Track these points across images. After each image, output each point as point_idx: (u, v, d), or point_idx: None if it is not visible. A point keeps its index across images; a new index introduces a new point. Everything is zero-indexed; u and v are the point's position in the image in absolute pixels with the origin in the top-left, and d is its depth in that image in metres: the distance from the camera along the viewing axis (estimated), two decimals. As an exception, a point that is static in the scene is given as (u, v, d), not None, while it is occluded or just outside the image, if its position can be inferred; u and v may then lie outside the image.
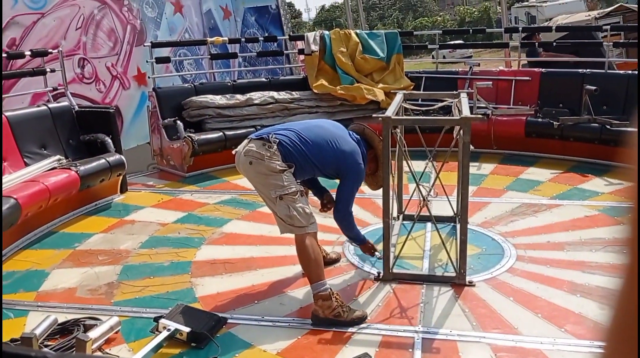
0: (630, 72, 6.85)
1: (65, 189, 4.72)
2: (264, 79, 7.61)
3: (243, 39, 8.26)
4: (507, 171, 5.93)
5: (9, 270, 3.95)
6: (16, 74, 6.16)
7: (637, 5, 13.81)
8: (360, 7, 11.43)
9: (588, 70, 6.64)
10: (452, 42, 13.81)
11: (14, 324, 3.16)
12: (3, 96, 6.14)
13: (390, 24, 37.73)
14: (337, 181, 3.42)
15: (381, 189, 3.53)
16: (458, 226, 3.63)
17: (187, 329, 2.90)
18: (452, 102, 4.30)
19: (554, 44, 7.68)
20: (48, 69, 5.88)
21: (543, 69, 7.01)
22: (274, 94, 7.07)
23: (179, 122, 6.42)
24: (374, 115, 4.31)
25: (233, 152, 3.29)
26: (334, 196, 3.45)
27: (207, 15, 8.97)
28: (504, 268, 3.67)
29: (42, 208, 4.49)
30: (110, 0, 7.49)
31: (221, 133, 6.47)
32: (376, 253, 3.73)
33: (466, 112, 3.49)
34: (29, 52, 5.94)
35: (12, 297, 3.52)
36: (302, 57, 8.02)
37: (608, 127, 5.83)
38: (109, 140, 5.58)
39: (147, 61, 7.07)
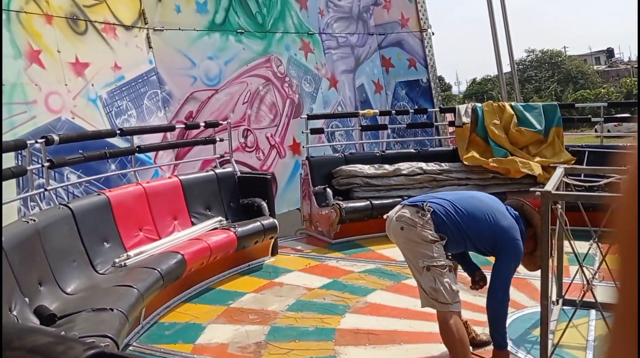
0: None
1: (224, 249, 5.07)
2: (412, 150, 7.66)
3: (393, 111, 8.48)
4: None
5: (171, 320, 4.29)
6: (191, 143, 6.92)
7: None
8: (515, 80, 11.18)
9: None
10: (618, 115, 12.84)
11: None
12: (179, 161, 6.91)
13: (548, 97, 36.19)
14: (488, 258, 3.24)
15: (539, 270, 3.26)
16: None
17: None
18: (619, 179, 3.93)
19: None
20: (217, 139, 6.52)
21: None
22: (423, 165, 7.06)
23: (328, 190, 6.65)
24: (531, 189, 4.07)
25: (384, 216, 3.29)
26: (485, 273, 3.27)
27: (359, 90, 9.40)
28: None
29: (203, 265, 4.85)
30: (274, 77, 8.20)
31: (368, 202, 6.57)
32: None
33: None
34: (203, 124, 6.65)
35: (172, 347, 3.79)
36: (452, 129, 7.97)
37: None
38: (265, 204, 5.94)
39: (302, 132, 7.52)
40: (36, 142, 4.49)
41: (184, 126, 6.67)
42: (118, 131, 5.58)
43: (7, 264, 3.23)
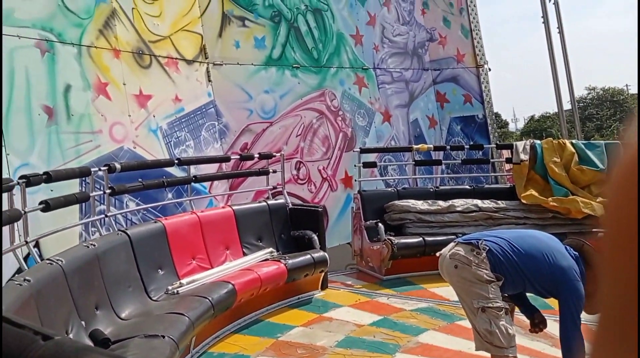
0: None
1: (274, 280, 5.06)
2: (467, 187, 7.50)
3: (448, 147, 8.37)
4: None
5: (220, 351, 4.28)
6: (245, 174, 7.03)
7: None
8: (576, 117, 10.86)
9: None
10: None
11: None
12: (233, 191, 7.02)
13: (610, 135, 34.93)
14: (547, 301, 3.07)
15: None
16: None
17: None
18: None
19: None
20: (271, 170, 6.59)
21: None
22: (478, 202, 6.89)
23: (380, 224, 6.58)
24: (594, 230, 3.89)
25: (437, 254, 3.21)
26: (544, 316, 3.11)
27: (413, 124, 9.35)
28: None
29: (253, 296, 4.85)
30: (327, 111, 8.28)
31: (421, 238, 6.44)
32: None
33: None
34: (257, 155, 6.75)
35: (220, 378, 3.77)
36: (509, 166, 7.77)
37: None
38: (315, 237, 5.92)
39: (354, 165, 7.51)
40: (99, 170, 4.68)
41: (238, 157, 6.81)
42: (176, 161, 5.74)
43: (66, 286, 3.32)
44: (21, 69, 5.03)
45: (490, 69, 9.84)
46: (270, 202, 6.22)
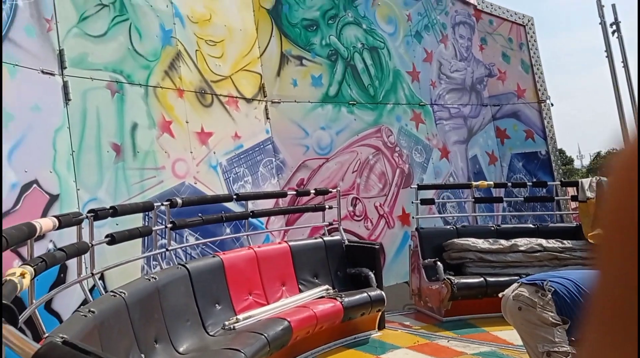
0: None
1: (330, 319, 4.98)
2: (531, 225, 7.22)
3: (509, 184, 8.13)
4: None
5: (275, 389, 4.21)
6: (301, 209, 7.06)
7: None
8: (646, 153, 10.32)
9: None
10: None
11: None
12: (290, 227, 7.05)
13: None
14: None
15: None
16: None
17: None
18: None
19: None
20: (327, 206, 6.59)
21: None
22: (542, 241, 6.60)
23: (439, 263, 6.40)
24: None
25: (500, 295, 3.08)
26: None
27: (472, 161, 9.17)
28: None
29: (309, 334, 4.78)
30: (384, 147, 8.26)
31: (482, 279, 6.20)
32: None
33: None
34: (313, 191, 6.78)
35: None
36: (575, 204, 7.44)
37: None
38: (372, 275, 5.82)
39: (412, 202, 7.40)
40: (162, 204, 4.81)
41: (295, 192, 6.85)
42: (234, 196, 5.84)
43: (128, 319, 3.39)
44: (93, 109, 5.31)
45: (552, 104, 9.60)
46: (326, 238, 6.19)
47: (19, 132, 4.51)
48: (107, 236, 3.98)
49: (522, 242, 6.60)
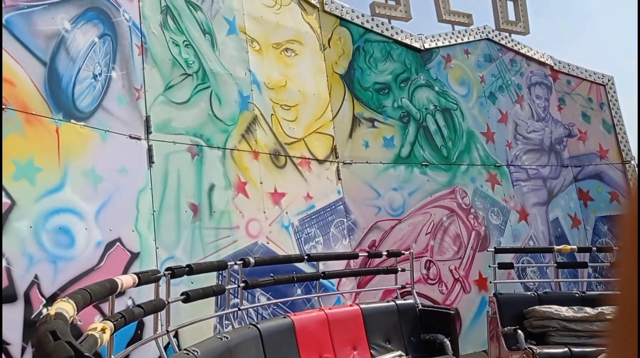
0: None
1: (403, 387, 4.76)
2: (620, 293, 6.69)
3: (594, 248, 7.65)
4: None
5: None
6: (373, 271, 6.95)
7: None
8: None
9: None
10: None
11: None
12: (361, 289, 6.93)
13: None
14: None
15: None
16: None
17: None
18: None
19: None
20: (399, 269, 6.44)
21: None
22: (635, 311, 6.08)
23: (519, 331, 6.02)
24: None
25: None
26: None
27: (553, 224, 8.75)
28: None
29: (381, 403, 4.58)
30: (458, 208, 8.07)
31: (567, 349, 5.76)
32: None
33: None
34: (385, 253, 6.67)
35: None
36: (671, 271, 6.85)
37: None
38: (448, 342, 5.55)
39: (489, 266, 7.10)
40: (235, 264, 4.89)
41: (366, 254, 6.77)
42: (306, 257, 5.85)
43: (199, 378, 3.39)
44: (174, 171, 5.60)
45: (638, 165, 9.09)
46: (399, 302, 6.02)
47: (106, 193, 4.81)
48: (182, 293, 4.08)
49: (610, 310, 6.07)
